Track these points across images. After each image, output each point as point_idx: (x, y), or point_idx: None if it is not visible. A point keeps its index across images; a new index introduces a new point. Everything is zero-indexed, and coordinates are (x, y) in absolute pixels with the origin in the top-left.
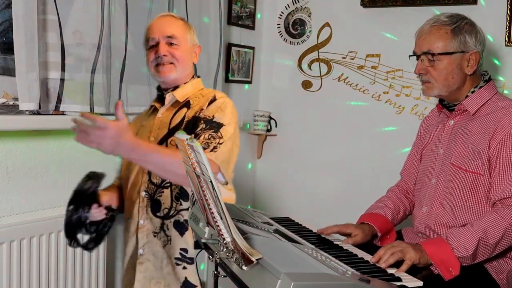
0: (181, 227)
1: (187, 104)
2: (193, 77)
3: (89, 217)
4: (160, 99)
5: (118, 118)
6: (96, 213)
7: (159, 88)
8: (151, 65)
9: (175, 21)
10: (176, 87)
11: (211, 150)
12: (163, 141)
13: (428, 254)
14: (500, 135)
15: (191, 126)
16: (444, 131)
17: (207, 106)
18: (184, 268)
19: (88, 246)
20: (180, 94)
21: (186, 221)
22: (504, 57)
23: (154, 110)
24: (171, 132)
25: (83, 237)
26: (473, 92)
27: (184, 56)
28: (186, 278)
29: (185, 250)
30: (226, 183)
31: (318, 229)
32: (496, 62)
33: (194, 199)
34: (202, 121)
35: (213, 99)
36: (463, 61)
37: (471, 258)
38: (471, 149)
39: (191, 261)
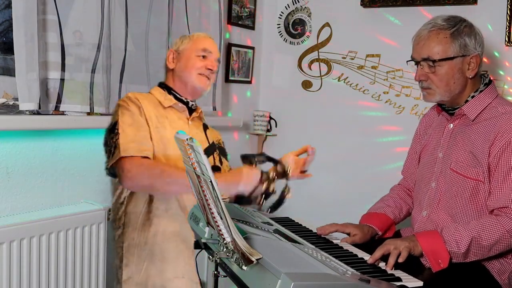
0: None
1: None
2: None
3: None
4: (179, 100)
5: None
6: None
7: (173, 92)
8: (195, 72)
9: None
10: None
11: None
12: (209, 153)
13: (420, 243)
14: (500, 143)
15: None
16: (443, 134)
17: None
18: None
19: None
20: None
21: None
22: (504, 57)
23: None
24: (212, 146)
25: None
26: (473, 96)
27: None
28: None
29: None
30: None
31: (317, 228)
32: (496, 62)
33: None
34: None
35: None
36: (464, 65)
37: (463, 256)
38: (471, 155)
39: None
